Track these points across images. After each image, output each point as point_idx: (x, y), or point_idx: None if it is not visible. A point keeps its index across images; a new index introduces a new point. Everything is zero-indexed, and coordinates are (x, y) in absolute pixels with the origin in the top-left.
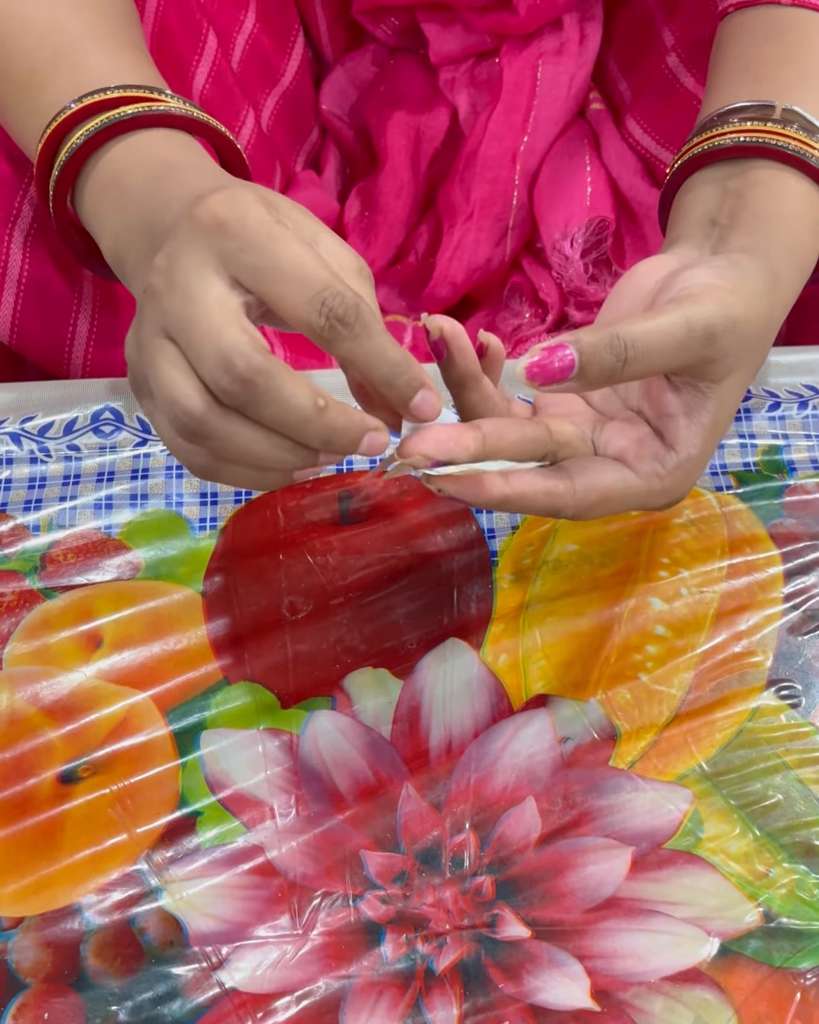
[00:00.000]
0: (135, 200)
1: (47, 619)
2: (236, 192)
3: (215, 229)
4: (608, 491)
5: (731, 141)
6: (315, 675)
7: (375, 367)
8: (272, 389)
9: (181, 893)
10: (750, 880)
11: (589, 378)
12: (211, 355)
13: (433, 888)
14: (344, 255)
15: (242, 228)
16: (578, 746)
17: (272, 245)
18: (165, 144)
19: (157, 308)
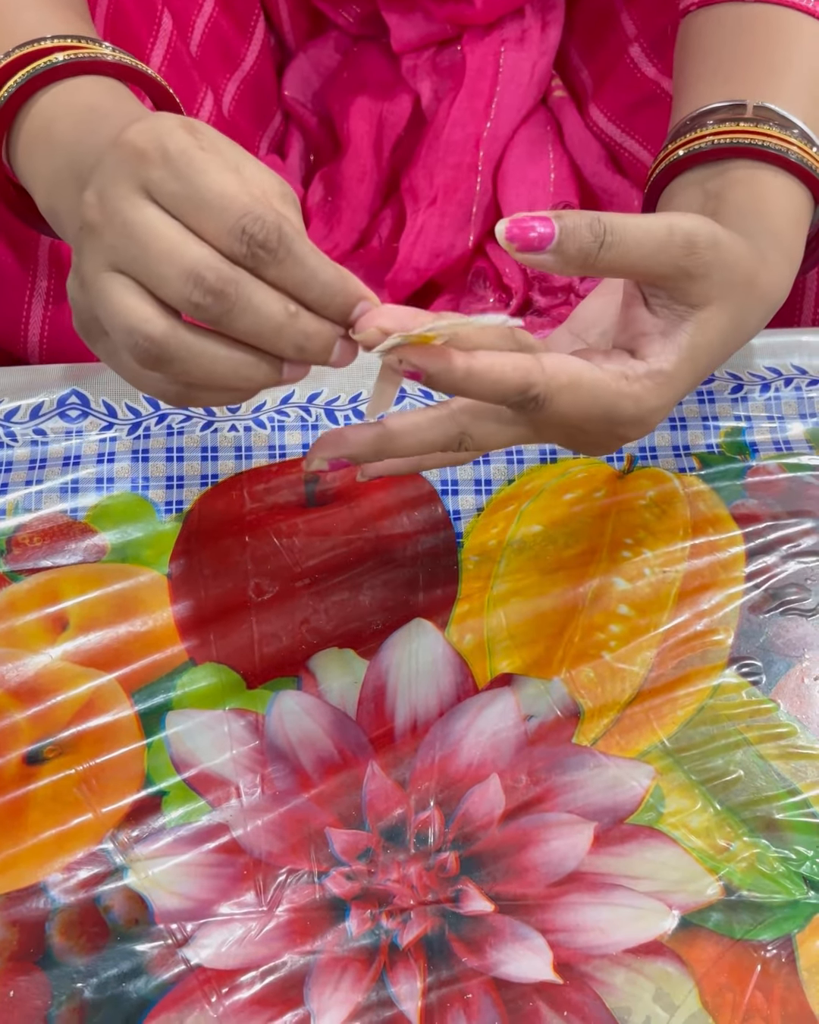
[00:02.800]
0: (64, 148)
1: (12, 602)
2: (157, 121)
3: (137, 158)
4: (577, 375)
5: (707, 144)
6: (281, 656)
7: (307, 290)
8: (243, 297)
9: (146, 871)
10: (711, 854)
11: (566, 254)
12: (175, 274)
13: (398, 864)
14: (268, 180)
15: (163, 156)
16: (542, 724)
17: (192, 172)
18: (92, 90)
19: (98, 242)
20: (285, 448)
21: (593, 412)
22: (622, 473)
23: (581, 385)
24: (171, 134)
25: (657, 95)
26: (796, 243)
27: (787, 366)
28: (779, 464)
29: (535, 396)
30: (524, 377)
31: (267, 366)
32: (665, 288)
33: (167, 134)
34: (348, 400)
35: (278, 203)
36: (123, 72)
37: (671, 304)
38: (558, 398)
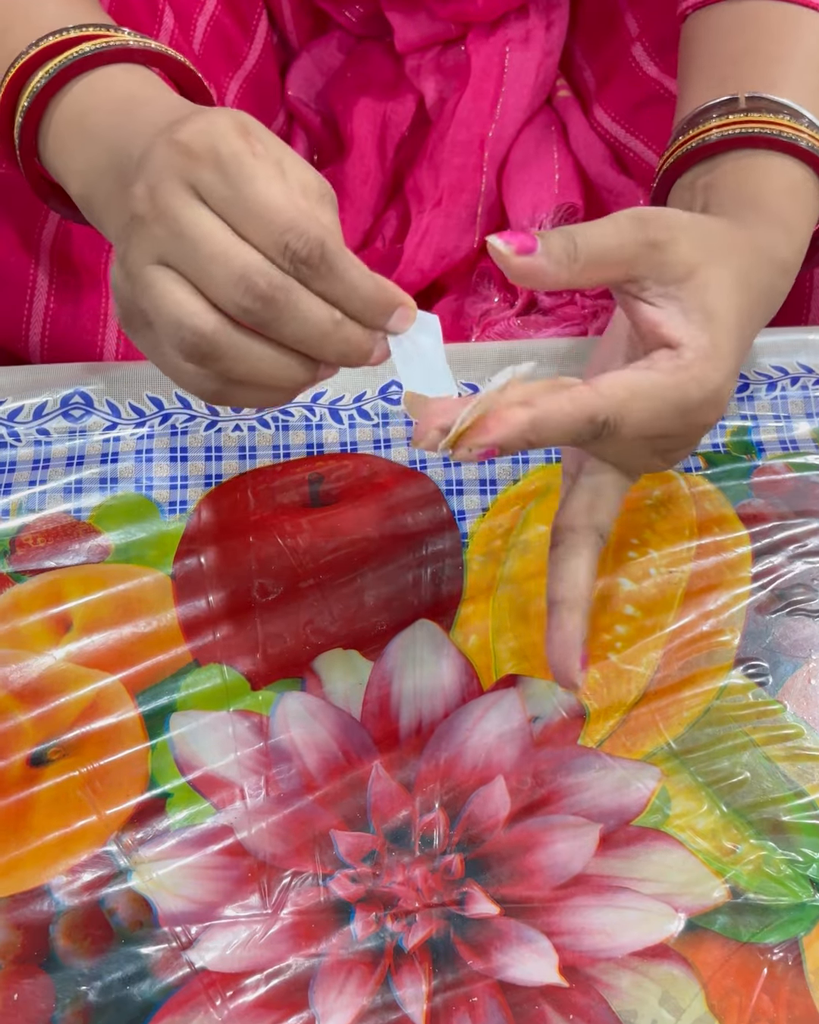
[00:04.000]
0: (101, 138)
1: (16, 602)
2: (211, 119)
3: (190, 159)
4: (634, 385)
5: (699, 142)
6: (285, 657)
7: (348, 303)
8: (292, 305)
9: (151, 874)
10: (717, 856)
11: (551, 251)
12: (226, 276)
13: (402, 867)
14: (308, 179)
15: (215, 160)
16: (547, 725)
17: (242, 180)
18: (126, 79)
19: (148, 235)
20: (289, 448)
21: (665, 412)
22: None
23: (642, 392)
24: (225, 137)
25: (660, 95)
26: (792, 212)
27: (793, 365)
28: (785, 463)
29: (605, 421)
30: (585, 405)
31: (308, 367)
32: (645, 273)
33: (221, 137)
34: (352, 400)
35: (317, 204)
36: (150, 58)
37: (661, 288)
38: (627, 415)
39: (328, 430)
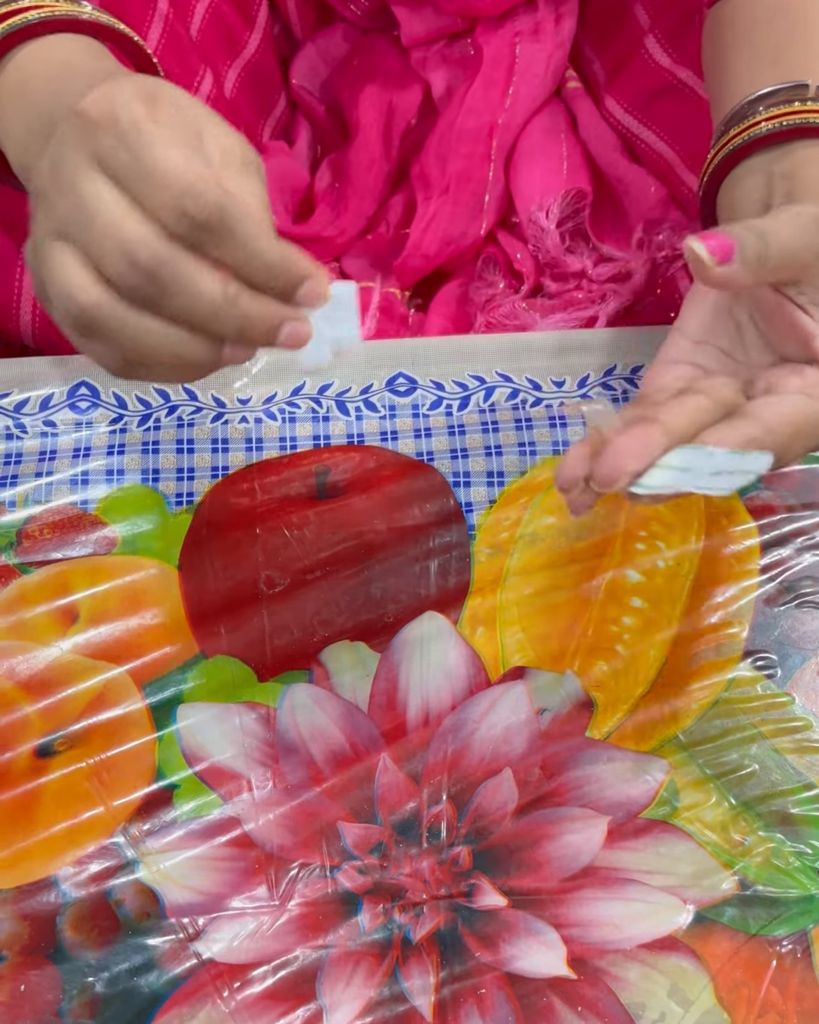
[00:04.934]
0: (36, 105)
1: (23, 594)
2: (114, 87)
3: (90, 128)
4: (801, 422)
5: (768, 128)
6: (292, 648)
7: (251, 270)
8: (176, 278)
9: (158, 865)
10: (726, 848)
11: (746, 258)
12: (112, 249)
13: (410, 858)
14: (230, 144)
15: (114, 126)
16: (555, 717)
17: (140, 146)
18: (68, 48)
19: (48, 210)
20: (296, 440)
21: (813, 442)
22: None
23: (807, 430)
24: (126, 105)
25: (674, 85)
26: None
27: None
28: None
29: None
30: (751, 446)
31: (203, 344)
32: (809, 279)
33: (121, 105)
34: (359, 392)
35: (238, 172)
36: (100, 31)
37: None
38: (790, 451)
39: (335, 422)
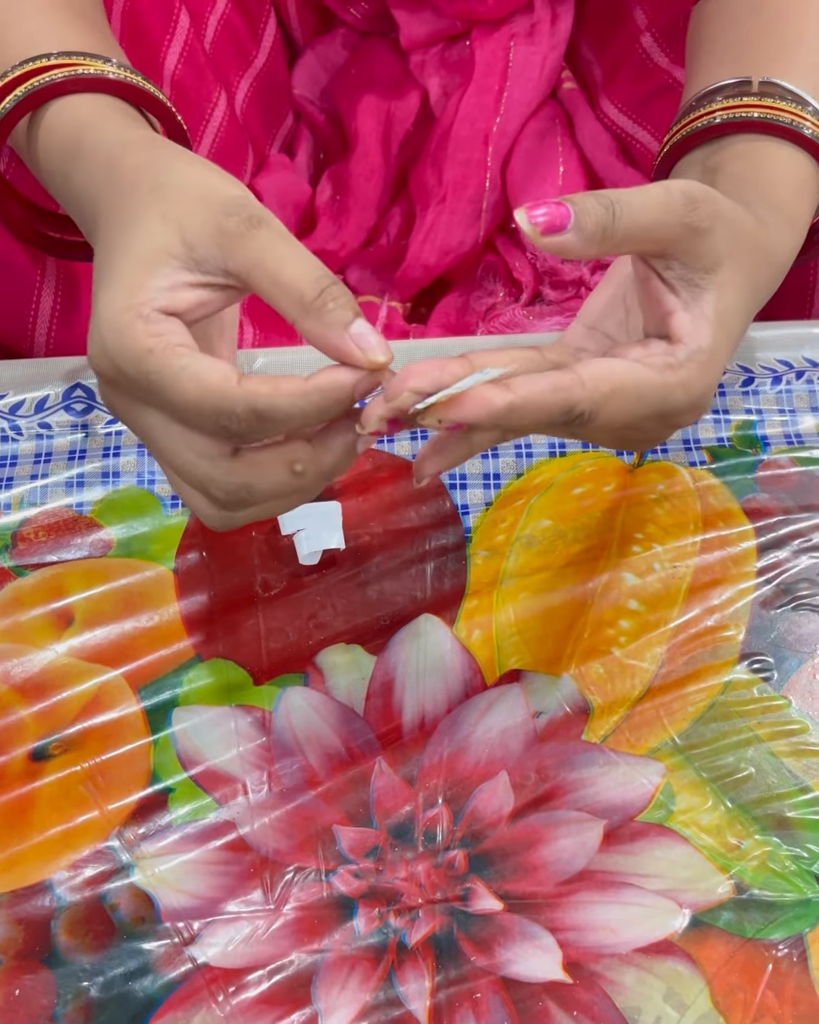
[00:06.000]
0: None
1: (18, 597)
2: (106, 340)
3: (112, 385)
4: (620, 381)
5: (706, 122)
6: (288, 652)
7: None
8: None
9: (153, 869)
10: (722, 852)
11: (585, 230)
12: (193, 487)
13: (406, 863)
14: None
15: (128, 380)
16: (551, 720)
17: (156, 391)
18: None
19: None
20: None
21: (643, 412)
22: (632, 467)
23: (626, 390)
24: (120, 357)
25: (669, 85)
26: (799, 210)
27: (798, 359)
28: (790, 458)
29: (580, 413)
30: (566, 398)
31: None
32: (677, 254)
33: (120, 359)
34: None
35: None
36: (124, 90)
37: (687, 273)
38: (604, 409)
39: None
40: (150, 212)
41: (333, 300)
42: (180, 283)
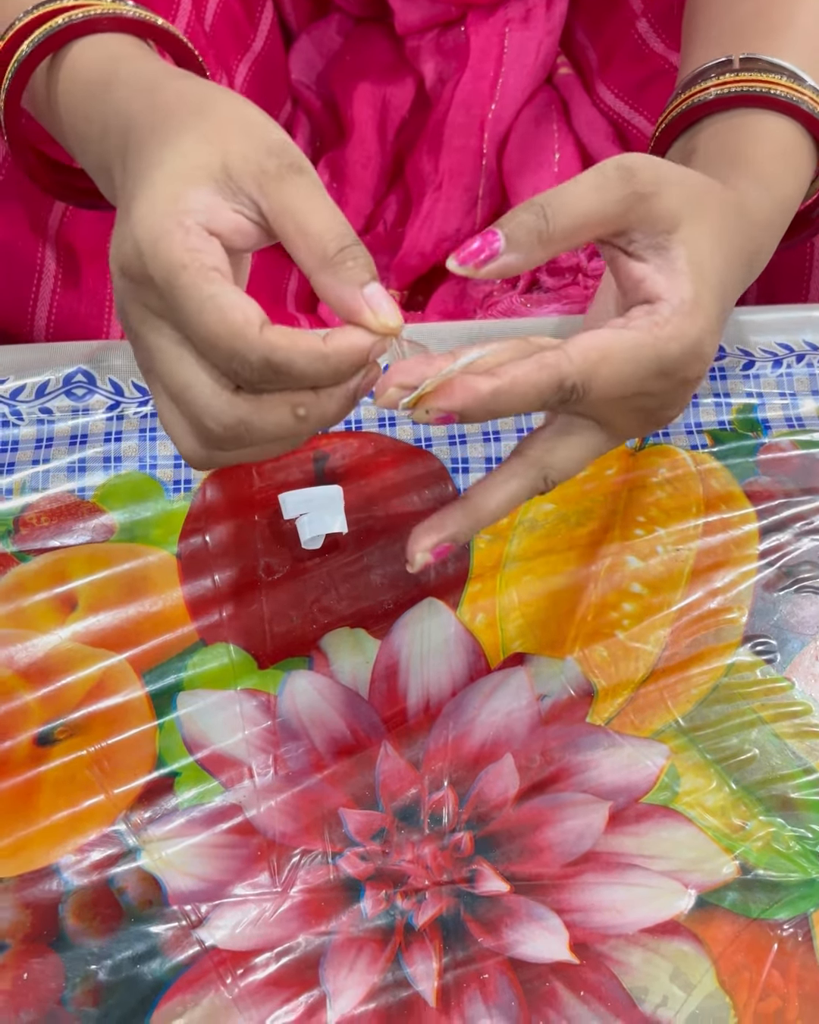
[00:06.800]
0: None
1: (21, 582)
2: (133, 238)
3: (133, 286)
4: (606, 347)
5: (688, 104)
6: (292, 635)
7: (313, 384)
8: (253, 428)
9: (160, 852)
10: (727, 833)
11: (519, 242)
12: (192, 415)
13: (412, 845)
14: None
15: (153, 285)
16: (555, 703)
17: (177, 310)
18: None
19: (132, 346)
20: None
21: (641, 373)
22: (634, 451)
23: (614, 353)
24: (153, 262)
25: (665, 70)
26: (773, 170)
27: (799, 342)
28: (792, 441)
29: (572, 386)
30: (553, 372)
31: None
32: (632, 225)
33: (153, 264)
34: None
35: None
36: (142, 28)
37: (649, 240)
38: (597, 377)
39: None
40: (191, 132)
41: (353, 259)
42: (219, 203)
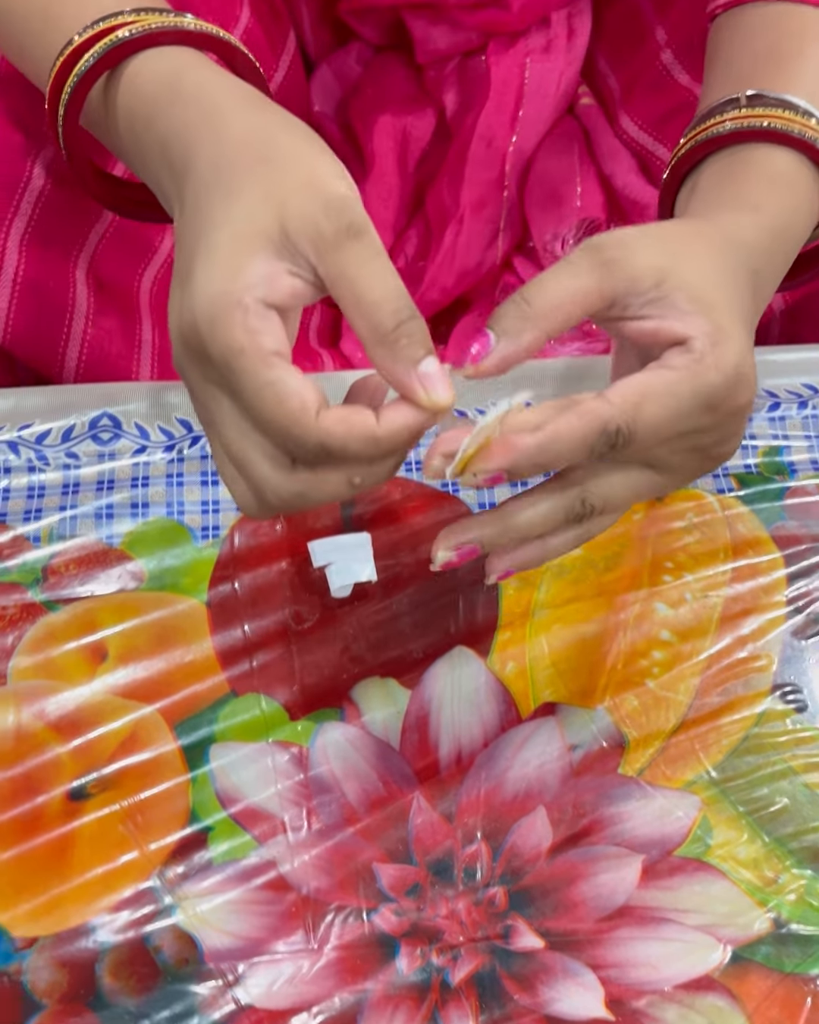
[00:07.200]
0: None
1: (51, 632)
2: (196, 309)
3: (192, 354)
4: (646, 387)
5: (691, 144)
6: (323, 686)
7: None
8: (309, 499)
9: (195, 909)
10: (759, 886)
11: (505, 329)
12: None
13: (446, 900)
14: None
15: (213, 360)
16: (587, 754)
17: (236, 388)
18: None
19: (194, 398)
20: None
21: (686, 408)
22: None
23: (655, 392)
24: (212, 342)
25: (690, 103)
26: (761, 194)
27: None
28: (817, 485)
29: (617, 429)
30: (596, 419)
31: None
32: (618, 294)
33: (211, 343)
34: None
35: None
36: (204, 41)
37: (641, 299)
38: (642, 418)
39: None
40: (255, 188)
41: (408, 336)
42: (278, 270)
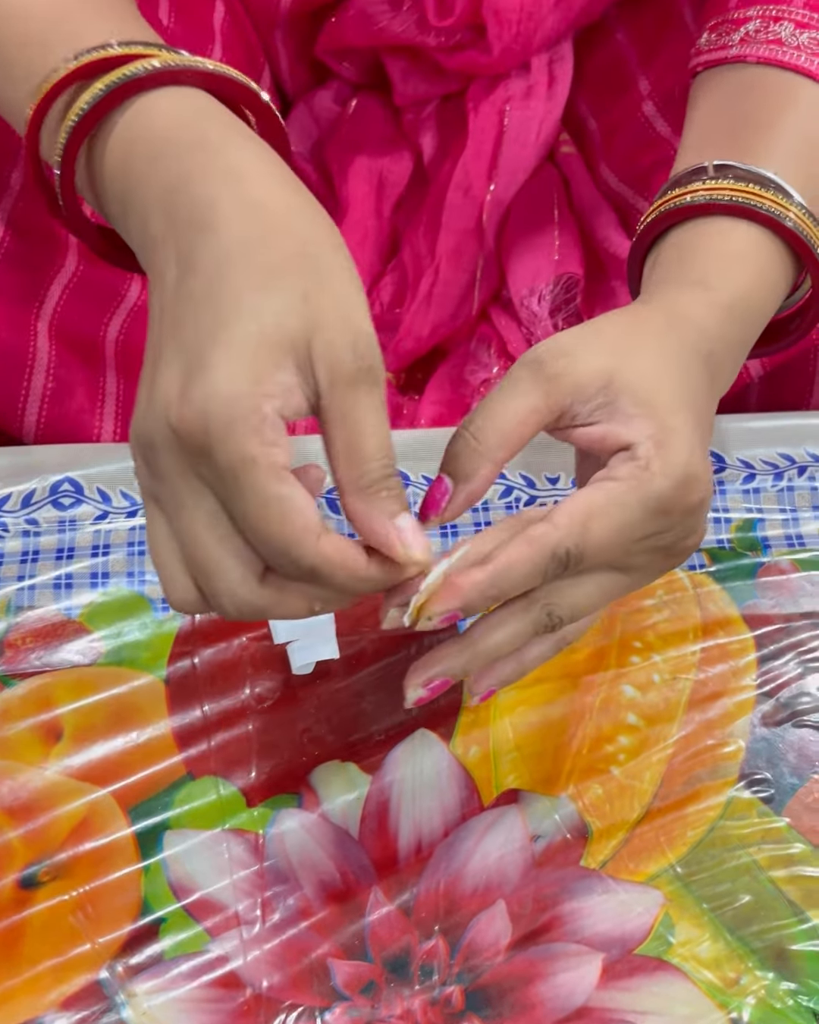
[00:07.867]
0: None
1: (6, 709)
2: (205, 407)
3: (186, 451)
4: (590, 504)
5: (655, 215)
6: (281, 769)
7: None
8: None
9: (144, 1006)
10: (721, 988)
11: (460, 471)
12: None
13: (401, 999)
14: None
15: (208, 463)
16: (549, 845)
17: (235, 493)
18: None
19: (153, 498)
20: None
21: (635, 518)
22: None
23: (600, 508)
24: (220, 443)
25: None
26: (716, 272)
27: (801, 453)
28: (791, 561)
29: (566, 552)
30: (544, 545)
31: None
32: (565, 405)
33: (219, 444)
34: None
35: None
36: (218, 83)
37: (588, 406)
38: (591, 537)
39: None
40: (294, 288)
41: (388, 490)
42: (294, 384)
